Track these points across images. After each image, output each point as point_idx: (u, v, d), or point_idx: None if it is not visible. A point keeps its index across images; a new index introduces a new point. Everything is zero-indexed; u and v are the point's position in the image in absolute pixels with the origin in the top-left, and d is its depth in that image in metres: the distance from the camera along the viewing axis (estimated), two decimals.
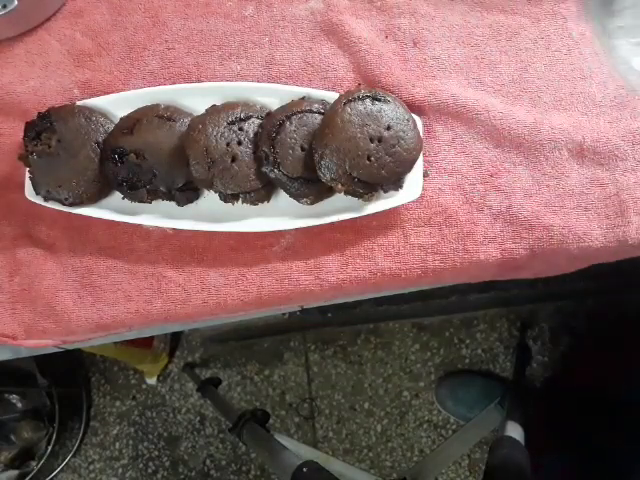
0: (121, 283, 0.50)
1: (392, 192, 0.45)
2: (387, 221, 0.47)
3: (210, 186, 0.46)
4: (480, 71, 0.48)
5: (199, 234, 0.49)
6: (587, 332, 1.06)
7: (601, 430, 0.70)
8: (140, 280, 0.50)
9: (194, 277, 0.49)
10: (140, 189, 0.47)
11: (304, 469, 0.65)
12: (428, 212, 0.47)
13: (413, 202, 0.46)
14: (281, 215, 0.47)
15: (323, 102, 0.46)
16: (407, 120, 0.44)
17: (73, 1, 0.54)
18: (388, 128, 0.43)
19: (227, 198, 0.46)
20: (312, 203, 0.46)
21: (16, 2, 0.50)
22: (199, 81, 0.51)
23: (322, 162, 0.43)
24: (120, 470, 1.33)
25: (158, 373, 1.31)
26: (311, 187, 0.45)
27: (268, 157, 0.44)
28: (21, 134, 0.48)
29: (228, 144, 0.45)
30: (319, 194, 0.45)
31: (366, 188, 0.44)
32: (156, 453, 1.32)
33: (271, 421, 1.07)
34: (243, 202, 0.46)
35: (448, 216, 0.46)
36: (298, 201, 0.46)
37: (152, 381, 1.32)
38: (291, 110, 0.45)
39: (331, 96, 0.46)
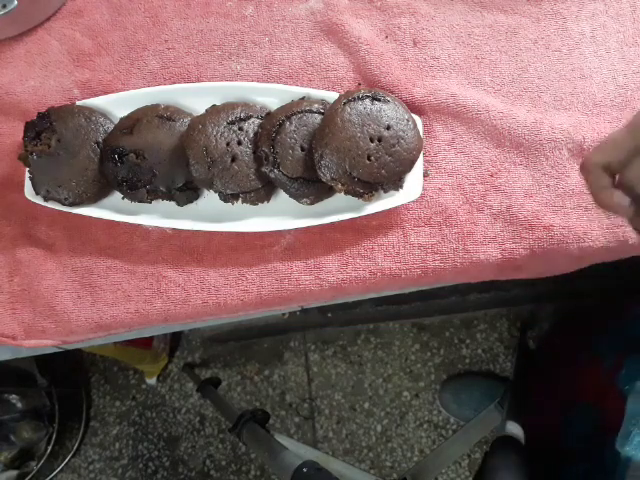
0: (121, 283, 0.50)
1: (392, 192, 0.45)
2: (387, 221, 0.47)
3: (210, 186, 0.46)
4: (480, 71, 0.48)
5: (199, 234, 0.49)
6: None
7: None
8: (140, 280, 0.50)
9: (194, 277, 0.49)
10: (140, 189, 0.47)
11: (304, 469, 0.65)
12: (428, 212, 0.47)
13: (413, 202, 0.46)
14: (281, 215, 0.47)
15: (323, 102, 0.46)
16: (407, 120, 0.44)
17: (73, 1, 0.54)
18: (388, 128, 0.43)
19: (227, 198, 0.46)
20: (312, 203, 0.46)
21: (16, 2, 0.50)
22: (199, 81, 0.51)
23: (322, 162, 0.43)
24: (120, 470, 1.32)
25: (158, 373, 1.31)
26: (311, 187, 0.45)
27: (268, 157, 0.44)
28: (21, 134, 0.48)
29: (228, 144, 0.45)
30: (319, 194, 0.45)
31: (366, 188, 0.44)
32: (156, 453, 1.32)
33: (271, 421, 1.07)
34: (243, 202, 0.46)
35: (448, 216, 0.46)
36: (298, 201, 0.46)
37: (152, 381, 1.32)
38: (291, 110, 0.45)
39: (331, 96, 0.46)
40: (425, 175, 0.46)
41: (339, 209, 0.46)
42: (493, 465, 0.67)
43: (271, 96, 0.47)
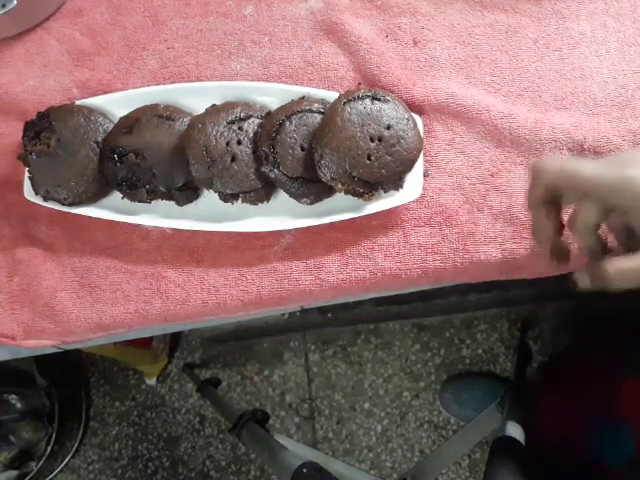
0: (120, 283, 0.50)
1: (392, 192, 0.45)
2: (387, 221, 0.47)
3: (210, 186, 0.45)
4: (480, 70, 0.48)
5: (198, 234, 0.49)
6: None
7: None
8: (139, 280, 0.50)
9: (193, 277, 0.49)
10: (139, 189, 0.47)
11: (304, 470, 0.65)
12: (428, 212, 0.47)
13: (413, 202, 0.46)
14: (281, 215, 0.47)
15: (323, 101, 0.46)
16: (407, 119, 0.44)
17: (72, 0, 0.54)
18: (388, 127, 0.43)
19: (227, 198, 0.46)
20: (312, 203, 0.46)
21: (15, 1, 0.50)
22: (199, 80, 0.50)
23: (322, 161, 0.43)
24: (119, 471, 1.32)
25: (158, 373, 1.31)
26: (311, 187, 0.45)
27: (268, 157, 0.44)
28: (20, 134, 0.48)
29: (228, 144, 0.45)
30: (319, 194, 0.45)
31: (366, 187, 0.44)
32: (156, 453, 1.32)
33: (271, 421, 1.07)
34: (243, 202, 0.46)
35: (448, 216, 0.46)
36: (298, 201, 0.46)
37: (152, 381, 1.32)
38: (291, 110, 0.45)
39: (331, 95, 0.46)
40: (425, 175, 0.46)
41: (339, 209, 0.45)
42: (493, 465, 0.67)
43: (271, 96, 0.47)
